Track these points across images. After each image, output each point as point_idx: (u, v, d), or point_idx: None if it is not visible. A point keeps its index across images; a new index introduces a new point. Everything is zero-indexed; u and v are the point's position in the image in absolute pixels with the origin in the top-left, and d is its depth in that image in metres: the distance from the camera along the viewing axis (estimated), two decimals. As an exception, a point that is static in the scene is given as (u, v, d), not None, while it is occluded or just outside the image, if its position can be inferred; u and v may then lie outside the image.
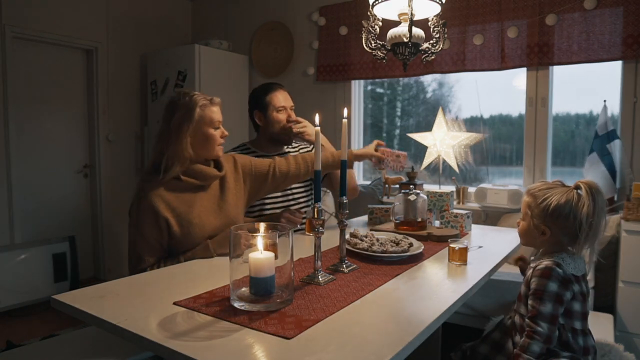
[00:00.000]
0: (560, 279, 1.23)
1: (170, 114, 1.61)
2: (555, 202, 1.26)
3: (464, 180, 3.43)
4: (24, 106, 3.51)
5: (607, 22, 2.71)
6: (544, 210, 1.27)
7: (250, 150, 2.15)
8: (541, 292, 1.22)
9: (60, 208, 3.82)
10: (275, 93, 2.10)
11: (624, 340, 2.13)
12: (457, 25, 3.19)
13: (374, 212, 2.24)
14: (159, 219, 1.54)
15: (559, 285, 1.22)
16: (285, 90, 2.16)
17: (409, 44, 1.76)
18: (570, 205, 1.25)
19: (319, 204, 1.27)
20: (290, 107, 2.13)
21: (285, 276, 1.11)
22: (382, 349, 0.89)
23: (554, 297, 1.21)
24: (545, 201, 1.28)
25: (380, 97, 4.01)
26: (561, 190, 1.29)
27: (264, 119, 2.11)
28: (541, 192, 1.30)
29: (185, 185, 1.61)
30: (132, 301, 1.14)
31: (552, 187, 1.31)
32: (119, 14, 4.05)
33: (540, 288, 1.22)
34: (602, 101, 2.73)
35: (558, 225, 1.27)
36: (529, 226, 1.33)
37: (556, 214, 1.26)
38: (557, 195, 1.27)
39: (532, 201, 1.31)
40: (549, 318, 1.19)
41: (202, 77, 3.85)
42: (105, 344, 1.59)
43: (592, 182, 1.27)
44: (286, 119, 2.10)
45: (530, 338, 1.18)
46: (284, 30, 4.08)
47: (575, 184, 1.30)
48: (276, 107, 2.08)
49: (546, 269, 1.24)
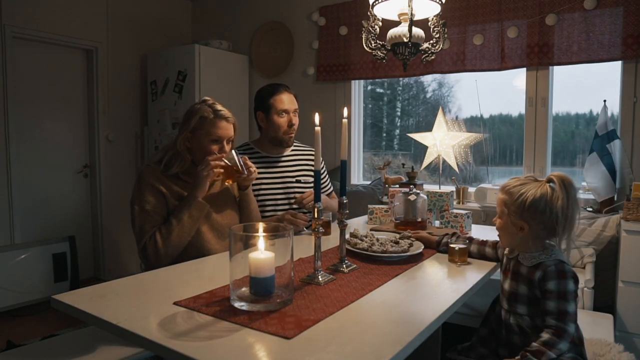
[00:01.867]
0: (572, 275, 1.25)
1: (183, 116, 1.75)
2: (531, 197, 1.27)
3: (464, 180, 3.43)
4: (24, 106, 3.51)
5: (607, 22, 2.71)
6: (521, 206, 1.28)
7: (253, 151, 2.15)
8: (564, 292, 1.23)
9: (60, 208, 3.82)
10: (279, 96, 2.07)
11: (624, 340, 2.12)
12: (457, 25, 3.19)
13: (374, 212, 2.24)
14: (158, 194, 1.63)
15: (574, 282, 1.25)
16: (291, 92, 2.12)
17: (409, 44, 1.76)
18: (545, 199, 1.26)
19: (318, 204, 1.27)
20: (294, 110, 2.10)
21: (285, 276, 1.11)
22: (382, 349, 0.89)
23: (574, 296, 1.23)
24: (521, 197, 1.28)
25: (380, 97, 4.01)
26: (535, 185, 1.30)
27: (265, 121, 2.10)
28: (516, 189, 1.31)
29: (184, 181, 1.71)
30: (132, 301, 1.14)
31: (526, 183, 1.31)
32: (119, 14, 4.05)
33: (563, 289, 1.23)
34: (602, 101, 2.73)
35: (536, 220, 1.28)
36: (507, 223, 1.33)
37: (533, 208, 1.27)
38: (532, 190, 1.28)
39: (508, 198, 1.32)
40: (574, 317, 1.22)
41: (202, 77, 3.85)
42: (105, 344, 1.59)
43: (563, 174, 1.29)
44: (287, 123, 2.08)
45: (559, 337, 1.18)
46: (284, 30, 4.08)
47: (547, 177, 1.32)
48: (278, 111, 2.06)
49: (561, 269, 1.25)
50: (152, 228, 1.60)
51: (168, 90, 3.99)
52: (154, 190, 1.63)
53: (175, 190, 1.66)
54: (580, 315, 2.04)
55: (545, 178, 1.32)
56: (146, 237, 1.59)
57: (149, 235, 1.59)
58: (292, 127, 2.08)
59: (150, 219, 1.61)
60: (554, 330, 1.20)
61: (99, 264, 4.06)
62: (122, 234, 4.09)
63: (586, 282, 2.25)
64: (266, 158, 2.13)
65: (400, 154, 3.90)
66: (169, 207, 1.64)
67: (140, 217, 1.61)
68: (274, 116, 2.07)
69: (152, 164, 1.70)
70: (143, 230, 1.60)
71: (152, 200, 1.62)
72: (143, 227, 1.60)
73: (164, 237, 1.58)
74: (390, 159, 3.61)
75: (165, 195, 1.64)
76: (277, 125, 2.07)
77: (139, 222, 1.61)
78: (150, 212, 1.61)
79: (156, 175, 1.66)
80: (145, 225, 1.60)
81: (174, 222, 1.59)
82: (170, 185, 1.66)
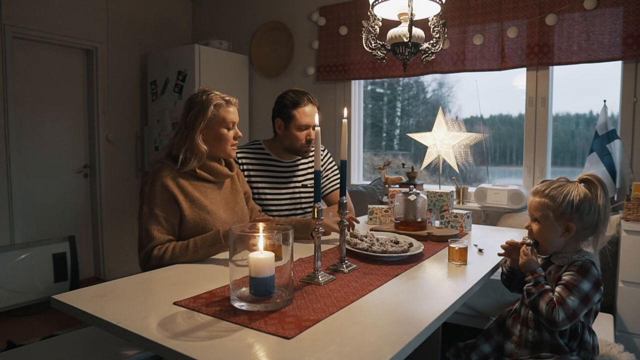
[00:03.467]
0: (594, 279, 1.24)
1: (187, 110, 1.68)
2: (577, 198, 1.28)
3: (464, 180, 3.43)
4: (24, 106, 3.51)
5: (607, 22, 2.71)
6: (568, 207, 1.28)
7: (264, 152, 2.11)
8: (574, 286, 1.22)
9: (60, 208, 3.82)
10: (303, 108, 1.99)
11: (624, 340, 2.12)
12: (457, 25, 3.19)
13: (374, 212, 2.24)
14: (171, 199, 1.57)
15: (593, 285, 1.24)
16: (315, 103, 2.04)
17: (409, 44, 1.76)
18: (589, 198, 1.28)
19: (318, 204, 1.27)
20: (314, 125, 2.00)
21: (285, 276, 1.11)
22: (382, 349, 0.89)
23: (584, 295, 1.22)
24: (566, 198, 1.29)
25: (380, 97, 4.01)
26: (573, 185, 1.31)
27: (283, 130, 2.04)
28: (557, 191, 1.31)
29: (200, 178, 1.67)
30: (132, 301, 1.14)
31: (563, 185, 1.32)
32: (119, 14, 4.05)
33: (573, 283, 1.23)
34: (602, 101, 2.73)
35: (582, 220, 1.29)
36: (550, 227, 1.31)
37: (581, 209, 1.28)
38: (574, 191, 1.29)
39: (550, 202, 1.31)
40: (572, 313, 1.20)
41: (202, 77, 3.85)
42: (105, 344, 1.59)
43: (594, 174, 1.32)
44: (305, 139, 2.01)
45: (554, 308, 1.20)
46: (284, 30, 4.08)
47: (579, 178, 1.33)
48: (299, 125, 1.99)
49: (586, 267, 1.25)
50: (162, 235, 1.53)
51: (168, 90, 3.99)
52: (167, 194, 1.56)
53: (190, 192, 1.60)
54: (580, 315, 2.05)
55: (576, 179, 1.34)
56: (152, 245, 1.52)
57: (157, 243, 1.52)
58: (310, 142, 2.02)
59: (158, 224, 1.54)
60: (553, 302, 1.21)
61: (99, 264, 4.06)
62: (122, 234, 4.09)
63: (586, 282, 2.25)
64: (276, 162, 2.11)
65: (400, 154, 3.90)
66: (182, 212, 1.57)
67: (148, 220, 1.54)
68: (293, 129, 2.00)
69: (166, 162, 1.63)
70: (149, 235, 1.53)
71: (163, 205, 1.55)
72: (150, 231, 1.53)
73: (175, 257, 1.50)
74: (390, 159, 3.61)
75: (179, 201, 1.57)
76: (295, 139, 2.01)
77: (146, 224, 1.54)
78: (159, 217, 1.54)
79: (172, 176, 1.59)
80: (152, 230, 1.53)
81: (191, 250, 1.50)
82: (185, 186, 1.60)
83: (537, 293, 1.24)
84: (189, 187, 1.62)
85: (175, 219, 1.58)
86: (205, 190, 1.66)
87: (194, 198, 1.61)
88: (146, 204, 1.57)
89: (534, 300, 1.24)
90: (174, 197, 1.57)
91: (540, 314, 1.23)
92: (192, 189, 1.62)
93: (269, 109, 2.15)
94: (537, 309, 1.23)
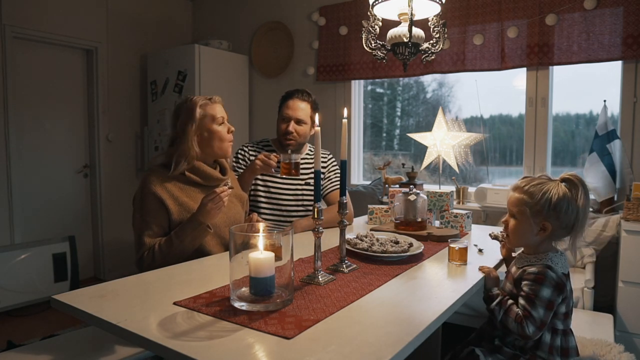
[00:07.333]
0: (554, 283, 1.23)
1: (175, 119, 1.72)
2: (556, 196, 1.26)
3: (464, 180, 3.43)
4: (24, 106, 3.51)
5: (607, 22, 2.71)
6: (545, 205, 1.26)
7: (270, 148, 2.22)
8: (535, 296, 1.22)
9: (60, 208, 3.82)
10: (287, 101, 2.14)
11: (624, 340, 2.13)
12: (457, 25, 3.19)
13: (374, 212, 2.24)
14: (160, 205, 1.59)
15: (553, 290, 1.23)
16: (305, 99, 2.13)
17: (409, 44, 1.76)
18: (568, 198, 1.26)
19: (318, 204, 1.27)
20: (297, 119, 2.10)
21: (285, 276, 1.11)
22: (382, 349, 0.89)
23: (546, 302, 1.21)
24: (544, 196, 1.26)
25: (380, 97, 4.01)
26: (554, 184, 1.29)
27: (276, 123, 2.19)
28: (537, 188, 1.29)
29: (190, 182, 1.68)
30: (132, 301, 1.14)
31: (544, 182, 1.30)
32: (119, 14, 4.05)
33: (534, 293, 1.22)
34: (602, 101, 2.73)
35: (559, 219, 1.27)
36: (525, 224, 1.30)
37: (558, 207, 1.26)
38: (554, 190, 1.27)
39: (528, 198, 1.29)
40: (539, 322, 1.20)
41: (202, 77, 3.85)
42: (105, 344, 1.59)
43: (576, 174, 1.29)
44: (284, 129, 2.11)
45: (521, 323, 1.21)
46: (284, 30, 4.08)
47: (561, 177, 1.31)
48: (282, 115, 2.14)
49: (540, 275, 1.24)
50: (150, 240, 1.57)
51: (168, 90, 3.99)
52: (156, 200, 1.58)
53: (177, 196, 1.62)
54: (581, 315, 2.05)
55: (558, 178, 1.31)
56: (144, 249, 1.56)
57: (147, 248, 1.56)
58: (287, 134, 2.11)
59: (149, 230, 1.58)
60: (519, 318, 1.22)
61: (99, 264, 4.06)
62: (122, 234, 4.09)
63: (586, 282, 2.25)
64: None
65: (400, 154, 3.90)
66: (171, 215, 1.60)
67: (140, 227, 1.59)
68: (279, 120, 2.16)
69: (156, 168, 1.67)
70: (141, 241, 1.57)
71: (153, 211, 1.58)
72: (142, 237, 1.57)
73: (163, 254, 1.54)
74: (390, 159, 3.61)
75: (167, 205, 1.59)
76: (278, 129, 2.17)
77: (139, 230, 1.59)
78: (150, 224, 1.58)
79: (160, 181, 1.62)
80: (144, 237, 1.57)
81: (176, 241, 1.54)
82: (173, 191, 1.62)
83: (502, 312, 1.25)
84: (177, 191, 1.64)
85: (166, 224, 1.61)
86: (194, 195, 1.66)
87: (182, 202, 1.62)
88: (137, 212, 1.61)
89: (501, 320, 1.26)
90: (162, 202, 1.59)
91: (512, 332, 1.24)
92: (180, 194, 1.64)
93: (269, 109, 2.19)
94: (508, 328, 1.24)
